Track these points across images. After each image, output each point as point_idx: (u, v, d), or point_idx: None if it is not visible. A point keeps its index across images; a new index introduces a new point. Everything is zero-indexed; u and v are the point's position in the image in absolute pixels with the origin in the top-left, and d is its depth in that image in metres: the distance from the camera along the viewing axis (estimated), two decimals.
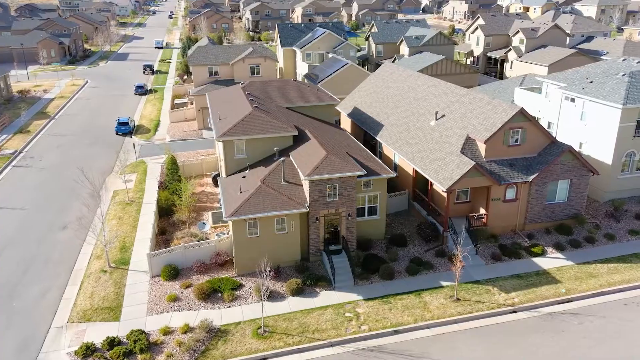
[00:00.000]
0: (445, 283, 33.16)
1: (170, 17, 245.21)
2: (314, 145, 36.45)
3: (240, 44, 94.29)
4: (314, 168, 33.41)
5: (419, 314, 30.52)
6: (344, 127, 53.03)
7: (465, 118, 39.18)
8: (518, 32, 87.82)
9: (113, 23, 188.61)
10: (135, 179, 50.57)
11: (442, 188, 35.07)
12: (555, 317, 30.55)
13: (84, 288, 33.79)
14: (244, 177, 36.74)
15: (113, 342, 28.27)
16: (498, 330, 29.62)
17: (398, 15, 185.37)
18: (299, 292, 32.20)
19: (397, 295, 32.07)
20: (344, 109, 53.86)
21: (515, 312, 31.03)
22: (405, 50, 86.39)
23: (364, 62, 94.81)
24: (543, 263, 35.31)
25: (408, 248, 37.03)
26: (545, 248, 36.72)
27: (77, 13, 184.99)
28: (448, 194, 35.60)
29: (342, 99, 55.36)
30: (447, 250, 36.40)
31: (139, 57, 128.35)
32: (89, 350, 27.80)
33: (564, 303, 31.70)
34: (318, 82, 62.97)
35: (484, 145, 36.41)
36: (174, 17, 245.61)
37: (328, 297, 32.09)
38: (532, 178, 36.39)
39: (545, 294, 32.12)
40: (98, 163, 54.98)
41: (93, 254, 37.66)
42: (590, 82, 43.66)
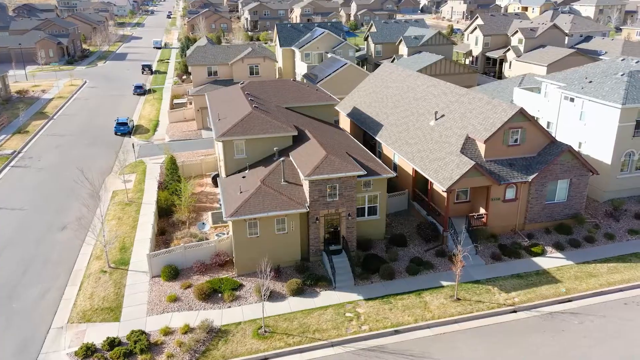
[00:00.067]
0: (446, 283, 33.18)
1: (169, 17, 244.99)
2: (314, 145, 36.43)
3: (239, 44, 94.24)
4: (314, 168, 33.39)
5: (420, 314, 30.53)
6: (343, 127, 53.00)
7: (465, 118, 39.20)
8: (517, 32, 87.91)
9: (111, 23, 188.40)
10: (135, 179, 50.50)
11: (442, 188, 35.09)
12: (556, 316, 30.59)
13: (84, 288, 33.74)
14: (244, 177, 36.70)
15: (113, 342, 28.25)
16: (498, 330, 29.65)
17: (396, 15, 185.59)
18: (300, 292, 32.20)
19: (397, 295, 32.08)
20: (343, 109, 53.85)
21: (516, 311, 31.06)
22: (404, 50, 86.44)
23: (363, 62, 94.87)
24: (543, 263, 35.35)
25: (408, 248, 37.03)
26: (545, 248, 36.76)
27: (75, 13, 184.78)
28: (448, 194, 35.61)
29: (341, 99, 55.36)
30: (447, 250, 36.42)
31: (138, 57, 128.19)
32: (89, 351, 27.76)
33: (564, 303, 31.75)
34: (317, 82, 62.97)
35: (484, 145, 36.43)
36: (173, 17, 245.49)
37: (328, 297, 32.08)
38: (531, 178, 36.43)
39: (546, 294, 32.16)
40: (97, 163, 54.87)
41: (92, 255, 37.60)
42: (590, 82, 43.73)
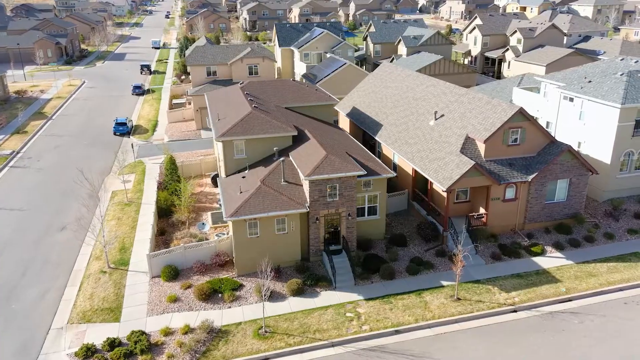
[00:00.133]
0: (446, 283, 33.19)
1: (167, 17, 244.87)
2: (314, 145, 36.42)
3: (238, 44, 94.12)
4: (314, 168, 33.37)
5: (420, 314, 30.54)
6: (343, 127, 52.98)
7: (465, 118, 39.22)
8: (515, 31, 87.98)
9: (110, 23, 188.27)
10: (134, 180, 50.43)
11: (441, 188, 35.10)
12: (556, 316, 30.62)
13: (84, 289, 33.68)
14: (244, 177, 36.67)
15: (114, 343, 28.21)
16: (499, 330, 29.66)
17: (395, 15, 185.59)
18: (300, 292, 32.18)
19: (397, 295, 32.09)
20: (343, 109, 53.83)
21: (516, 311, 31.08)
22: (403, 50, 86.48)
23: (362, 62, 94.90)
24: (543, 262, 35.39)
25: (408, 248, 37.03)
26: (545, 247, 36.79)
27: (73, 13, 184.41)
28: (448, 194, 35.62)
29: (340, 99, 55.35)
30: (447, 250, 36.43)
31: (136, 57, 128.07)
32: (90, 352, 27.72)
33: (564, 302, 31.78)
34: (316, 82, 62.94)
35: (484, 145, 36.45)
36: (171, 17, 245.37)
37: (329, 297, 32.07)
38: (531, 177, 36.46)
39: (546, 293, 32.19)
40: (96, 163, 54.78)
41: (92, 255, 37.54)
42: (589, 81, 43.77)
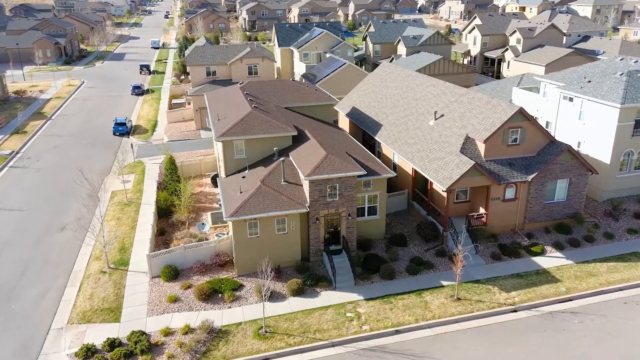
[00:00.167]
0: (446, 282, 33.20)
1: (167, 17, 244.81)
2: (314, 145, 36.41)
3: (238, 44, 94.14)
4: (314, 168, 33.36)
5: (420, 314, 30.54)
6: (343, 127, 52.97)
7: (465, 118, 39.22)
8: (515, 31, 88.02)
9: (109, 23, 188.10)
10: (134, 180, 50.40)
11: (441, 188, 35.10)
12: (556, 316, 30.64)
13: (84, 289, 33.65)
14: (244, 177, 36.66)
15: (114, 343, 28.19)
16: (499, 330, 29.67)
17: (394, 15, 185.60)
18: (300, 292, 32.17)
19: (397, 295, 32.09)
20: (343, 109, 53.83)
21: (516, 311, 31.09)
22: (403, 50, 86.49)
23: (362, 62, 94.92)
24: (543, 262, 35.40)
25: (408, 248, 37.03)
26: (545, 247, 36.81)
27: (72, 13, 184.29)
28: (448, 194, 35.62)
29: (340, 99, 55.35)
30: (447, 250, 36.44)
31: (136, 57, 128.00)
32: (90, 352, 27.70)
33: (564, 302, 31.80)
34: (316, 82, 62.94)
35: (484, 145, 36.45)
36: (170, 17, 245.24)
37: (329, 297, 32.07)
38: (531, 177, 36.47)
39: (546, 293, 32.20)
40: (96, 164, 54.74)
41: (92, 255, 37.51)
42: (589, 81, 43.79)
